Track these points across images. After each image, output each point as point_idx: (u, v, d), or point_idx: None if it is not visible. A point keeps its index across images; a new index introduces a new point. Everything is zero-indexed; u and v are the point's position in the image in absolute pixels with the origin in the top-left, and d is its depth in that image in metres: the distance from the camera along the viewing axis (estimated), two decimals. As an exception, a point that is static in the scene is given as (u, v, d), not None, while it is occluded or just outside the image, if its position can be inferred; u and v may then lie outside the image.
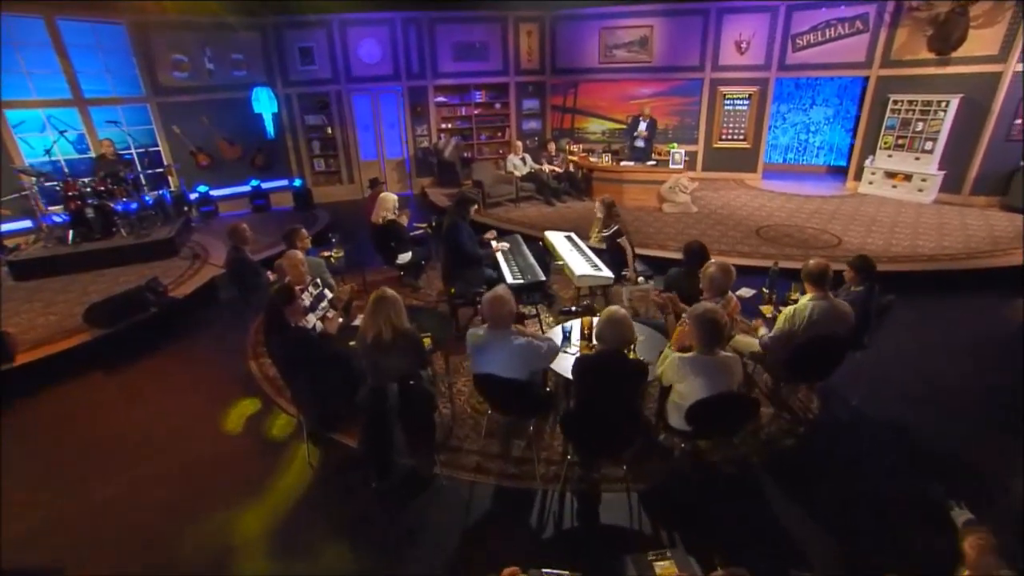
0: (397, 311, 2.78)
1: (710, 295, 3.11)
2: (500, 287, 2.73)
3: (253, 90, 9.10)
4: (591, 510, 2.88)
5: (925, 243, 6.46)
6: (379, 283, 5.98)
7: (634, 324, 2.63)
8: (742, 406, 2.64)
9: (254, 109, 9.19)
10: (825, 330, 2.95)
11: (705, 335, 2.54)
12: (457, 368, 4.13)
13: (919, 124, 8.31)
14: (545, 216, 8.22)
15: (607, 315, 2.45)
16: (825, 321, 2.96)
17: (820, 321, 2.96)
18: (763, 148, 10.43)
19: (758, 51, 9.75)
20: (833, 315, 2.98)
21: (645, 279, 4.77)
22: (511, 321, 2.68)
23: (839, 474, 3.08)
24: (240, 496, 3.07)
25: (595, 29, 10.32)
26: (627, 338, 2.45)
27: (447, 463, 3.18)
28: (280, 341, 2.92)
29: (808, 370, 3.13)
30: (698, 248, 3.64)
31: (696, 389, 2.53)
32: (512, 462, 3.20)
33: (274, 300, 2.92)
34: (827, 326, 2.96)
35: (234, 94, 9.13)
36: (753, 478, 3.06)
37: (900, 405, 3.63)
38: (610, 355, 2.44)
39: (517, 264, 4.63)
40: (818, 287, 3.02)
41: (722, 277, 3.05)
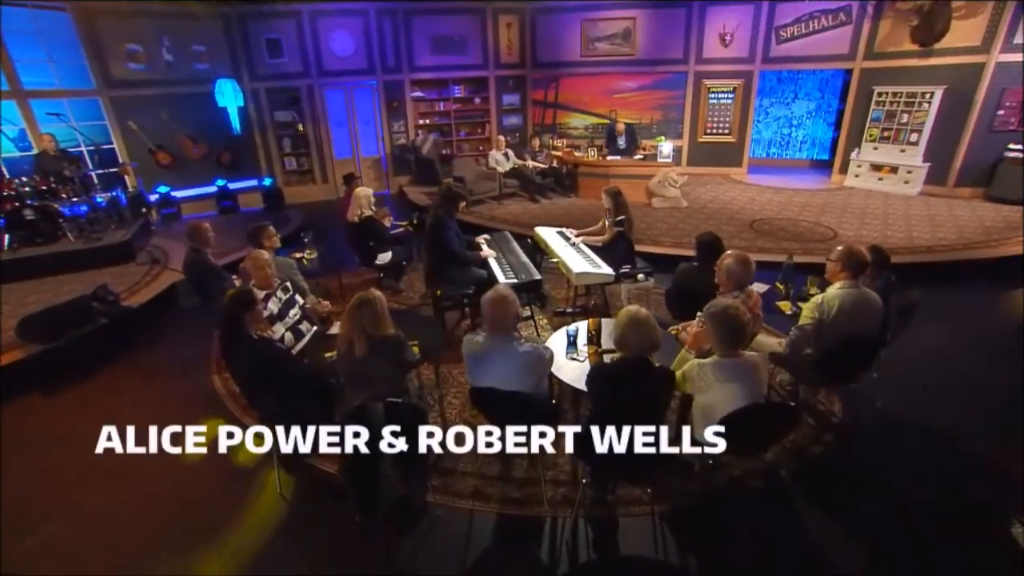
0: (378, 316, 2.39)
1: (728, 290, 2.80)
2: (501, 285, 2.36)
3: (216, 82, 8.50)
4: (608, 538, 2.54)
5: (920, 234, 6.35)
6: (357, 286, 5.58)
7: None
8: (783, 416, 2.33)
9: (218, 103, 8.59)
10: (854, 322, 2.68)
11: (726, 335, 2.22)
12: (447, 378, 3.74)
13: (904, 116, 8.27)
14: (530, 213, 7.87)
15: (629, 316, 2.10)
16: (856, 312, 2.69)
17: (850, 312, 2.68)
18: (748, 142, 10.31)
19: (742, 43, 9.61)
20: (864, 306, 2.71)
21: (645, 276, 4.46)
22: (515, 325, 2.32)
23: (876, 485, 2.81)
24: (200, 535, 2.63)
25: (576, 21, 10.04)
26: (654, 342, 2.12)
27: (440, 489, 2.80)
28: (241, 355, 2.48)
29: (838, 370, 2.85)
30: (712, 240, 3.34)
31: (727, 398, 2.20)
32: (514, 485, 2.83)
33: (230, 307, 2.49)
34: (857, 318, 2.69)
35: (196, 88, 8.53)
36: (783, 492, 2.76)
37: (927, 405, 3.40)
38: (635, 363, 2.10)
39: (509, 262, 4.27)
40: (853, 274, 2.74)
41: (741, 269, 2.74)
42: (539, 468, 2.85)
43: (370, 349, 2.34)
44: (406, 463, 2.48)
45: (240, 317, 2.52)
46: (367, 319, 2.34)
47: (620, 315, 2.15)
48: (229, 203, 8.94)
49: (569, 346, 2.90)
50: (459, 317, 4.63)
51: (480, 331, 2.47)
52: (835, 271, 2.82)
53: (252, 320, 2.58)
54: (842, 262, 2.77)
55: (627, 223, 4.45)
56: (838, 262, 2.80)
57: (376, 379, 2.36)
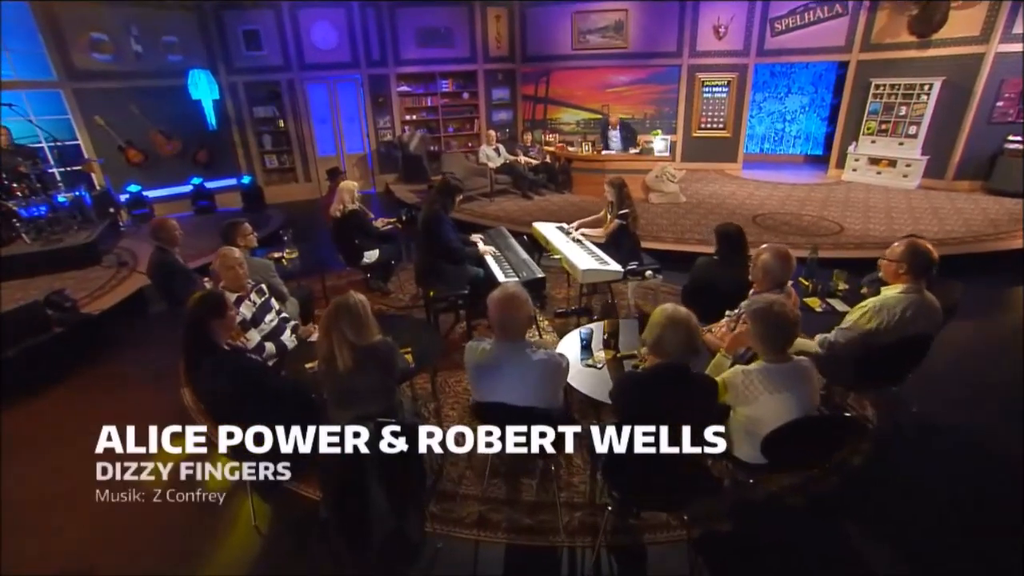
0: (361, 322, 2.04)
1: (764, 289, 2.50)
2: (511, 283, 2.03)
3: (190, 73, 8.02)
4: (636, 570, 2.21)
5: (927, 228, 6.15)
6: (341, 288, 5.19)
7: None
8: (842, 429, 2.02)
9: (192, 95, 8.12)
10: (913, 328, 2.39)
11: (774, 336, 1.92)
12: (443, 387, 3.39)
13: (902, 108, 8.12)
14: (524, 210, 7.55)
15: (667, 316, 1.78)
16: (917, 318, 2.39)
17: (913, 319, 2.38)
18: (743, 137, 10.12)
19: (736, 36, 9.40)
20: (927, 312, 2.40)
21: (653, 273, 4.15)
22: (528, 329, 1.99)
23: (923, 498, 2.53)
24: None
25: (567, 13, 9.76)
26: (695, 346, 1.81)
27: (440, 516, 2.45)
28: (208, 369, 2.11)
29: (883, 374, 2.57)
30: (735, 232, 3.04)
31: (777, 410, 1.90)
32: (524, 509, 2.50)
33: (196, 312, 2.12)
34: (917, 323, 2.39)
35: (169, 81, 8.04)
36: (826, 511, 2.47)
37: (967, 408, 3.14)
38: (674, 371, 1.78)
39: (508, 260, 3.94)
40: (917, 275, 2.42)
41: (780, 265, 2.43)
42: (552, 490, 2.53)
43: (355, 361, 1.99)
44: (401, 490, 2.14)
45: (207, 324, 2.15)
46: (348, 326, 1.99)
47: (656, 315, 1.83)
48: (206, 203, 8.46)
49: (583, 351, 2.58)
50: (453, 320, 4.29)
51: (484, 337, 2.13)
52: (895, 272, 2.48)
53: (222, 328, 2.21)
54: (906, 262, 2.42)
55: (631, 216, 4.15)
56: (901, 261, 2.45)
57: (364, 395, 2.01)
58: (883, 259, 2.57)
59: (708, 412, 1.85)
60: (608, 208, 4.32)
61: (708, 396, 1.87)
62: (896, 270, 2.47)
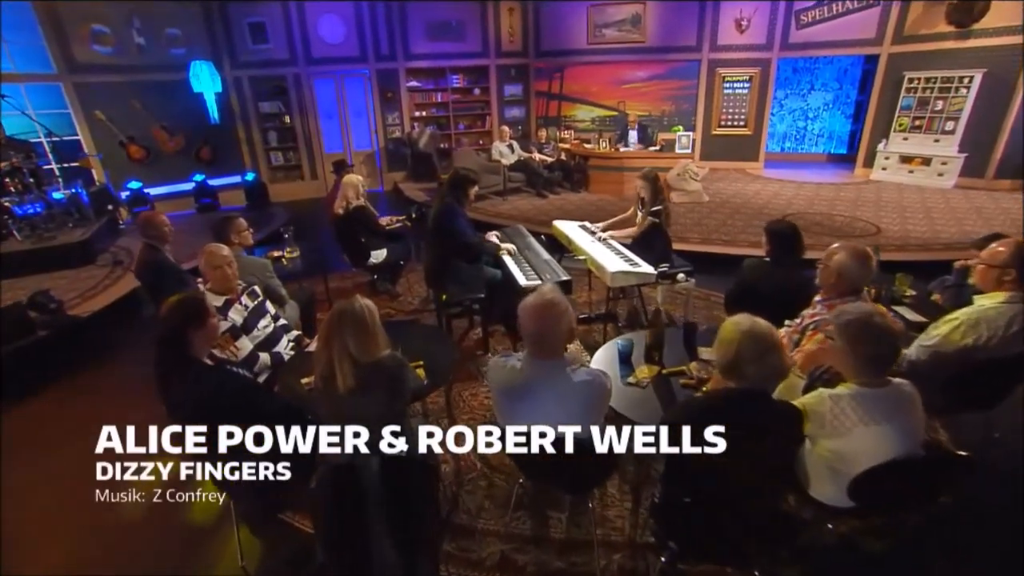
0: (367, 334, 1.70)
1: (834, 295, 2.13)
2: (547, 287, 1.65)
3: (191, 65, 7.75)
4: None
5: (973, 229, 5.73)
6: (346, 291, 4.89)
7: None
8: (952, 469, 1.66)
9: (193, 88, 7.85)
10: (1016, 343, 2.01)
11: (871, 354, 1.55)
12: (457, 401, 3.05)
13: (938, 103, 7.68)
14: (539, 209, 7.21)
15: (744, 331, 1.42)
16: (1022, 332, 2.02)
17: (1019, 334, 2.00)
18: (765, 134, 9.71)
19: (759, 29, 9.01)
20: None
21: (685, 276, 3.79)
22: (568, 344, 1.64)
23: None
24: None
25: (582, 7, 9.42)
26: (782, 368, 1.45)
27: (456, 556, 2.11)
28: (185, 388, 1.78)
29: (978, 397, 2.19)
30: (789, 230, 2.67)
31: (874, 445, 1.54)
32: (553, 549, 2.15)
33: (171, 320, 1.79)
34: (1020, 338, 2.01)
35: (172, 75, 7.80)
36: (911, 557, 2.09)
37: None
38: (750, 398, 1.43)
39: (528, 260, 3.59)
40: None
41: (859, 267, 2.06)
42: (585, 525, 2.17)
43: (358, 380, 1.65)
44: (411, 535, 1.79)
45: (184, 335, 1.81)
46: (352, 338, 1.65)
47: (728, 330, 1.47)
48: (209, 200, 8.20)
49: (622, 366, 2.22)
50: (467, 326, 3.95)
51: (509, 352, 1.78)
52: (996, 279, 2.10)
53: (202, 339, 1.87)
54: (1015, 268, 2.05)
55: (664, 214, 3.79)
56: (1007, 267, 2.07)
57: (367, 421, 1.67)
58: (979, 263, 2.18)
59: (790, 448, 1.49)
60: (638, 204, 3.96)
61: (791, 428, 1.51)
62: (999, 276, 2.07)
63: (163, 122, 7.95)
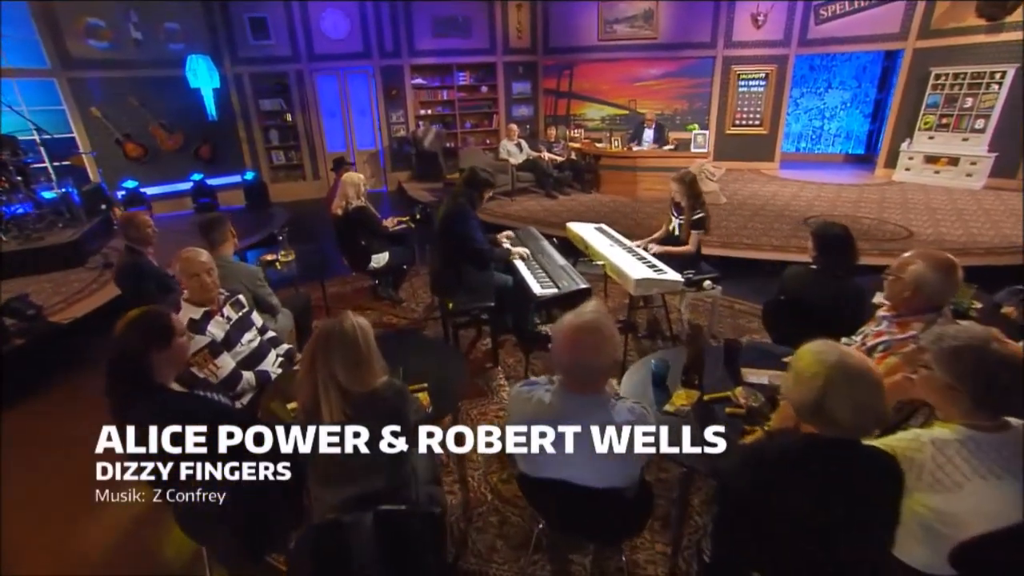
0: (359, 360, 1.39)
1: (908, 311, 1.82)
2: (591, 308, 1.30)
3: (188, 59, 7.51)
4: None
5: (1013, 232, 5.39)
6: (346, 297, 4.60)
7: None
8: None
9: (190, 84, 7.61)
10: None
11: (991, 391, 1.24)
12: (464, 421, 2.76)
13: (968, 100, 7.33)
14: (549, 210, 6.91)
15: (832, 367, 1.10)
16: None
17: None
18: (781, 134, 9.39)
19: (776, 24, 8.70)
20: None
21: (711, 283, 3.48)
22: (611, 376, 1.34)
23: None
24: None
25: (593, 2, 9.13)
26: (883, 416, 1.15)
27: (465, 613, 1.82)
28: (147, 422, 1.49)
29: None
30: (840, 234, 2.36)
31: (990, 503, 1.23)
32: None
33: (128, 341, 1.50)
34: None
35: (170, 71, 7.57)
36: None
37: None
38: (837, 448, 1.13)
39: (542, 266, 3.30)
40: None
41: (942, 279, 1.74)
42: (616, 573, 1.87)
43: (348, 413, 1.36)
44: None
45: (145, 357, 1.52)
46: (340, 363, 1.35)
47: (808, 362, 1.15)
48: (207, 200, 7.94)
49: (656, 390, 1.92)
50: (475, 336, 3.66)
51: (535, 380, 1.48)
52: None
53: (167, 362, 1.58)
54: None
55: (706, 221, 3.48)
56: None
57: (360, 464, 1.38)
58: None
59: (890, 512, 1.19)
60: (673, 211, 3.64)
61: (888, 484, 1.20)
62: None
63: (161, 119, 7.72)
